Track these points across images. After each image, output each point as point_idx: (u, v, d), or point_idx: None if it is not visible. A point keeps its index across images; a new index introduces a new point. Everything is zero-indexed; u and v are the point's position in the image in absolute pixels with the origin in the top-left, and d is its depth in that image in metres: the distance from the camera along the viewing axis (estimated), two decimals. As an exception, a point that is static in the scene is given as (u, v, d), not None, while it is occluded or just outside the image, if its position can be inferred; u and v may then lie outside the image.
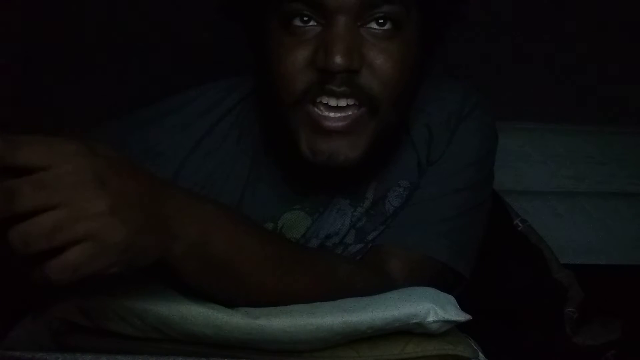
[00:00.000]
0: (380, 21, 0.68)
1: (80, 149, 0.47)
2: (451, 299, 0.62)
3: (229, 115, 0.78)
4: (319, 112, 0.68)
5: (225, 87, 0.80)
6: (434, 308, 0.59)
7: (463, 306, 0.62)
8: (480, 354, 0.62)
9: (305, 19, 0.67)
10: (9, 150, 0.45)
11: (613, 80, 1.47)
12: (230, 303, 0.60)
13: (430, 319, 0.59)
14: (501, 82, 1.33)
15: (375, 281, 0.69)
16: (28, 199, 0.44)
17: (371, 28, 0.68)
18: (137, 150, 0.74)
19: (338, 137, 0.69)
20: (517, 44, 1.45)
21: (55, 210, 0.45)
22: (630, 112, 1.50)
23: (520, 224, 1.08)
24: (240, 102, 0.79)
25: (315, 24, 0.67)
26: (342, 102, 0.68)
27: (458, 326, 0.62)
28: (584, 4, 1.39)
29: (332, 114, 0.68)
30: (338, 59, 0.65)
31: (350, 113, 0.69)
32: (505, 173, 1.42)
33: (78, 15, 1.33)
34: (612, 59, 1.46)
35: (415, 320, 0.59)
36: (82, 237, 0.46)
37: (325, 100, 0.68)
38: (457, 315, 0.60)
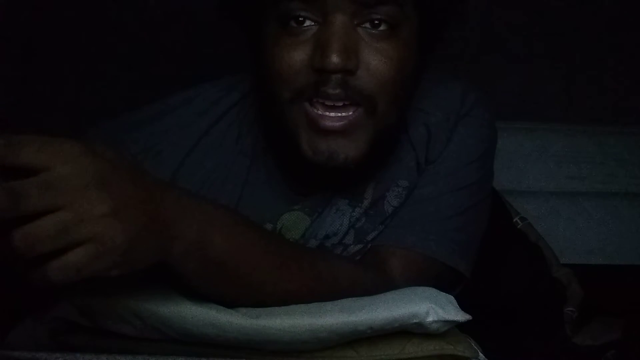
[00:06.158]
0: (376, 22, 0.67)
1: (81, 150, 0.47)
2: (451, 299, 0.62)
3: (228, 115, 0.78)
4: (317, 111, 0.68)
5: (224, 87, 0.80)
6: (434, 308, 0.59)
7: (463, 306, 0.62)
8: (480, 354, 0.62)
9: (300, 19, 0.67)
10: (10, 149, 0.45)
11: (613, 80, 1.47)
12: (230, 303, 0.60)
13: (430, 319, 0.59)
14: (501, 82, 1.33)
15: (375, 281, 0.69)
16: (34, 200, 0.44)
17: (367, 28, 0.68)
18: (136, 150, 0.74)
19: (337, 137, 0.69)
20: (517, 43, 1.45)
21: (60, 212, 0.45)
22: (630, 112, 1.51)
23: (519, 222, 1.08)
24: (239, 101, 0.79)
25: (311, 23, 0.67)
26: (339, 102, 0.68)
27: (458, 326, 0.62)
28: (584, 4, 1.39)
29: (330, 114, 0.68)
30: (334, 58, 0.65)
31: (348, 113, 0.68)
32: (505, 173, 1.42)
33: (78, 15, 1.33)
34: (612, 59, 1.46)
35: (415, 320, 0.59)
36: (85, 239, 0.46)
37: (321, 100, 0.68)
38: (457, 315, 0.60)
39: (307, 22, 0.67)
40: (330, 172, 0.71)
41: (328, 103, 0.68)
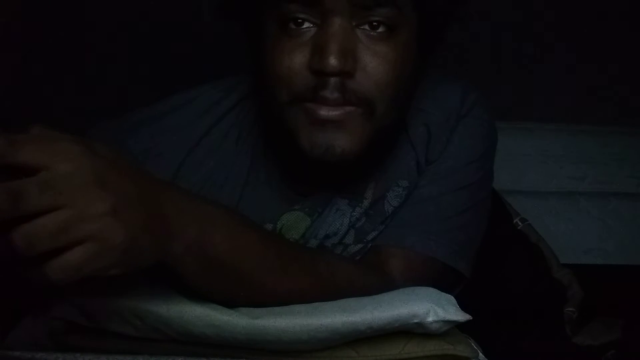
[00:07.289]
0: (374, 24, 0.67)
1: (80, 149, 0.47)
2: (451, 299, 0.62)
3: (228, 116, 0.79)
4: (315, 105, 0.68)
5: (225, 87, 0.80)
6: (434, 308, 0.59)
7: (463, 306, 0.62)
8: (480, 354, 0.62)
9: (299, 21, 0.67)
10: (10, 148, 0.45)
11: (613, 80, 1.47)
12: (230, 303, 0.60)
13: (430, 319, 0.59)
14: (501, 82, 1.33)
15: (375, 281, 0.69)
16: (34, 200, 0.44)
17: (366, 30, 0.68)
18: (137, 150, 0.74)
19: (334, 129, 0.68)
20: (517, 43, 1.45)
21: (60, 211, 0.45)
22: (630, 112, 1.51)
23: (519, 223, 1.07)
24: (240, 102, 0.80)
25: (310, 25, 0.67)
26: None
27: (458, 326, 0.62)
28: (584, 3, 1.39)
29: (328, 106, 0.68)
30: (332, 60, 0.65)
31: (345, 107, 0.68)
32: (505, 173, 1.42)
33: (78, 15, 1.33)
34: (612, 58, 1.46)
35: (415, 320, 0.59)
36: (85, 238, 0.46)
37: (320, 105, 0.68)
38: (457, 315, 0.60)
39: (306, 24, 0.67)
40: (329, 169, 0.71)
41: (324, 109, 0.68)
